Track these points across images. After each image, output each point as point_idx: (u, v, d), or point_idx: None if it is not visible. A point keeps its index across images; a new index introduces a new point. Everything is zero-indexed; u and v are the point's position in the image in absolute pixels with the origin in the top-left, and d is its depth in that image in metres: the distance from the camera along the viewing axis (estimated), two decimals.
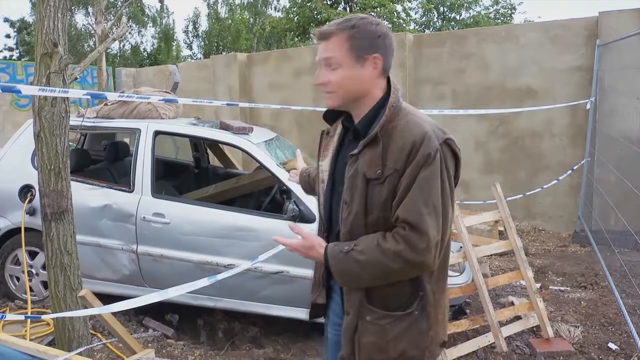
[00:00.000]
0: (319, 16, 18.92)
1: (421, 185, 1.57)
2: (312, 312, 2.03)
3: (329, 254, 1.68)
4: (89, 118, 4.52)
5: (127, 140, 5.99)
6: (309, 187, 2.36)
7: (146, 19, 28.75)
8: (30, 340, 3.53)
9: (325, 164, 1.87)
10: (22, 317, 2.89)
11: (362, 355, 1.73)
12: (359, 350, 1.73)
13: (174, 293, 2.85)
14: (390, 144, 1.63)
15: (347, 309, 1.76)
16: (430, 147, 1.58)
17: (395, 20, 19.34)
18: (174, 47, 29.93)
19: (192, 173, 5.83)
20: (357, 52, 1.66)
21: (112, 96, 3.48)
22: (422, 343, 1.71)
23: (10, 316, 2.94)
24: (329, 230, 1.85)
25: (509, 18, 22.57)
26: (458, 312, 4.27)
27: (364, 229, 1.67)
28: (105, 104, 4.67)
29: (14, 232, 4.32)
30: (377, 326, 1.70)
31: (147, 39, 35.95)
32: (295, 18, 20.10)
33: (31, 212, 4.20)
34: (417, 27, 23.01)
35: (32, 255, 4.36)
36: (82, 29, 25.98)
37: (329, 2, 19.69)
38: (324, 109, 1.84)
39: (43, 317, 3.53)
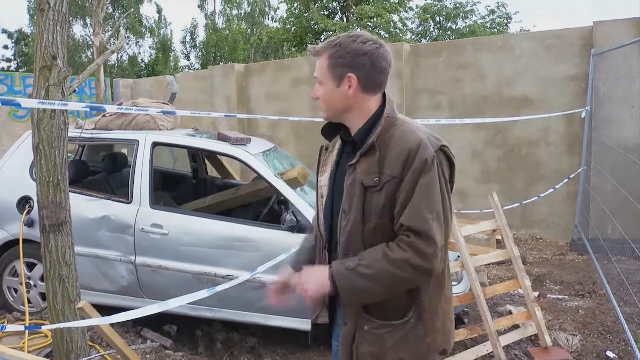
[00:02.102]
0: (316, 27, 19.03)
1: (422, 192, 1.61)
2: (314, 333, 1.99)
3: (335, 273, 1.67)
4: (87, 130, 4.53)
5: (125, 151, 6.00)
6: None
7: (144, 30, 28.86)
8: (29, 352, 3.51)
9: (324, 179, 1.89)
10: (21, 329, 2.88)
11: None
12: None
13: (174, 304, 2.85)
14: (387, 152, 1.66)
15: (344, 320, 1.77)
16: (426, 153, 1.62)
17: (392, 30, 19.44)
18: (171, 58, 30.03)
19: (190, 184, 5.84)
20: (334, 70, 1.72)
21: (111, 109, 3.49)
22: (419, 351, 1.72)
23: (9, 327, 2.93)
24: (329, 244, 1.85)
25: (505, 27, 22.67)
26: (456, 321, 4.26)
27: (361, 236, 1.69)
28: (104, 116, 4.69)
29: (12, 243, 4.32)
30: (375, 336, 1.71)
31: (145, 49, 36.14)
32: (293, 29, 20.22)
33: (29, 224, 4.21)
34: (413, 37, 23.12)
35: (30, 267, 4.36)
36: (80, 40, 26.08)
37: (325, 13, 19.82)
38: (322, 121, 1.87)
39: (42, 328, 3.52)
